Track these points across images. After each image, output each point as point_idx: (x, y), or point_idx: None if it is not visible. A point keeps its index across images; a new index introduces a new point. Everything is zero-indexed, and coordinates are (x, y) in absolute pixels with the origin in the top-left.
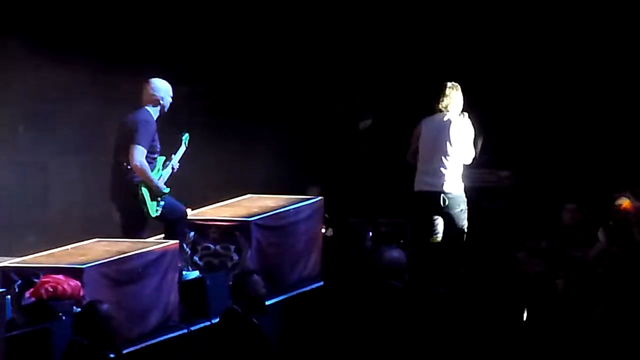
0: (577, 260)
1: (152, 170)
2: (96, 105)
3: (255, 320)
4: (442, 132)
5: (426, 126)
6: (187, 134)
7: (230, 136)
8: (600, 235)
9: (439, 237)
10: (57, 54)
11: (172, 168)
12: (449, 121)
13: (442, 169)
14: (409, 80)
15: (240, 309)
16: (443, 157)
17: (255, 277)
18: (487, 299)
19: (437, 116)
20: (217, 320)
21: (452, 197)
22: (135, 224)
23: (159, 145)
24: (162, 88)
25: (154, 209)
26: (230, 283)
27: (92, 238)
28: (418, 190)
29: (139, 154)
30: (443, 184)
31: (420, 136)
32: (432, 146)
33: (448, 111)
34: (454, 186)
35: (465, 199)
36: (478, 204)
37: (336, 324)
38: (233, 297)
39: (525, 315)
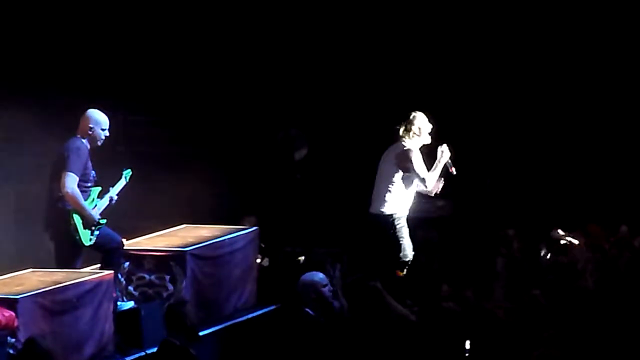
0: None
1: (86, 199)
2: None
3: (192, 351)
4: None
5: None
6: (129, 170)
7: (166, 166)
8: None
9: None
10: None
11: (110, 199)
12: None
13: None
14: (344, 110)
15: (176, 340)
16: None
17: (187, 307)
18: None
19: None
20: (152, 350)
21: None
22: (68, 252)
23: (93, 174)
24: (94, 119)
25: (87, 238)
26: (164, 314)
27: (27, 268)
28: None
29: (70, 181)
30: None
31: None
32: None
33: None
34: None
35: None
36: (414, 232)
37: (271, 354)
38: (168, 329)
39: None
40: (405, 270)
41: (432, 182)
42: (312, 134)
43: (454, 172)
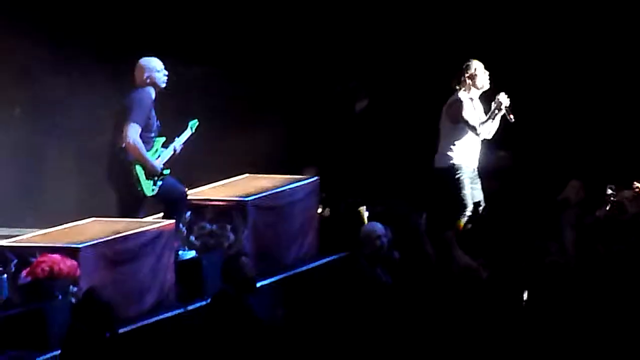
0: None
1: (149, 149)
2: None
3: (247, 301)
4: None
5: None
6: (195, 120)
7: (228, 117)
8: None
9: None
10: (56, 42)
11: (174, 150)
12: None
13: None
14: (403, 61)
15: (232, 290)
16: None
17: (243, 259)
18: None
19: None
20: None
21: None
22: (130, 203)
23: (156, 124)
24: (150, 66)
25: (149, 188)
26: (221, 265)
27: (89, 217)
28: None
29: (133, 131)
30: None
31: None
32: None
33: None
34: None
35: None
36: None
37: (333, 304)
38: (224, 279)
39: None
40: (466, 222)
41: (484, 130)
42: (372, 85)
43: (512, 120)
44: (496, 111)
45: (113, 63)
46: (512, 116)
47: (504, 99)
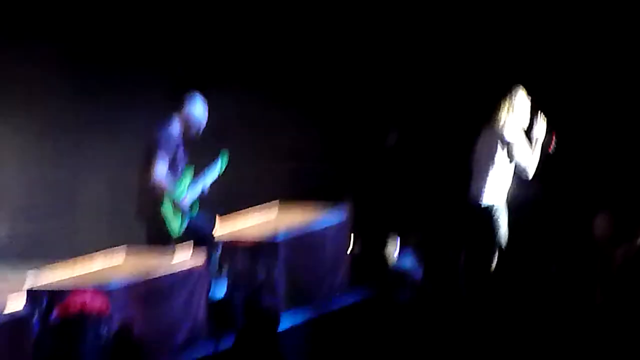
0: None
1: (177, 185)
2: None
3: (272, 339)
4: None
5: None
6: (226, 155)
7: (260, 144)
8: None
9: None
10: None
11: (202, 191)
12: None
13: None
14: (436, 90)
15: (256, 329)
16: None
17: (266, 297)
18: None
19: None
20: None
21: None
22: (159, 240)
23: (185, 160)
24: (191, 112)
25: (177, 225)
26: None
27: (120, 255)
28: None
29: (160, 168)
30: None
31: None
32: None
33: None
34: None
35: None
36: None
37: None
38: (247, 318)
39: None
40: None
41: (534, 167)
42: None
43: (554, 149)
44: (536, 144)
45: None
46: (552, 146)
47: (541, 130)
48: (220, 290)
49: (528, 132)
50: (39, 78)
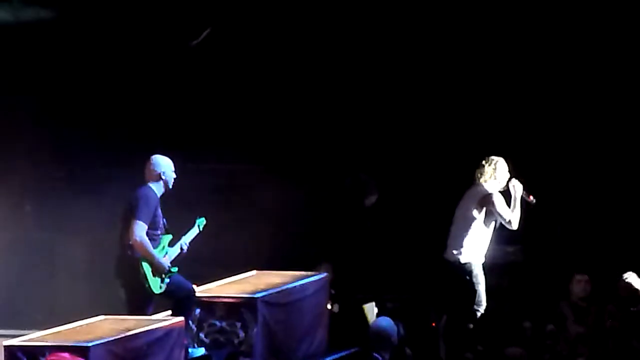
0: None
1: (156, 247)
2: (103, 182)
3: None
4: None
5: None
6: (203, 219)
7: (235, 213)
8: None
9: None
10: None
11: (181, 248)
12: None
13: None
14: (412, 155)
15: None
16: None
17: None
18: None
19: None
20: None
21: None
22: (139, 300)
23: (163, 222)
24: (162, 164)
25: (157, 286)
26: None
27: (98, 315)
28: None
29: (139, 229)
30: None
31: None
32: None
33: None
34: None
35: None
36: (485, 279)
37: None
38: None
39: None
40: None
41: (517, 220)
42: (381, 179)
43: (533, 201)
44: (515, 200)
45: (120, 158)
46: (532, 198)
47: (517, 185)
48: (198, 350)
49: (507, 192)
50: (19, 135)
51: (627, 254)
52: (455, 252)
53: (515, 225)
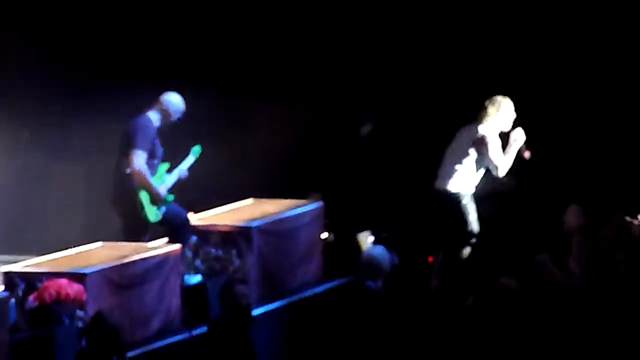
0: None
1: (153, 175)
2: (101, 111)
3: (244, 329)
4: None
5: None
6: (198, 146)
7: (232, 142)
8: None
9: None
10: (65, 63)
11: (178, 176)
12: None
13: None
14: (408, 84)
15: (228, 318)
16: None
17: (238, 287)
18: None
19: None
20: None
21: None
22: (136, 228)
23: (160, 151)
24: (171, 101)
25: (153, 214)
26: (219, 292)
27: (96, 242)
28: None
29: (138, 158)
30: None
31: None
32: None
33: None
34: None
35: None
36: (478, 209)
37: (336, 329)
38: (222, 307)
39: None
40: (469, 247)
41: (505, 168)
42: (376, 109)
43: (528, 157)
44: (511, 148)
45: (120, 85)
46: (528, 153)
47: (520, 135)
48: (194, 277)
49: (507, 136)
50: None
51: (622, 186)
52: (444, 181)
53: (502, 173)
